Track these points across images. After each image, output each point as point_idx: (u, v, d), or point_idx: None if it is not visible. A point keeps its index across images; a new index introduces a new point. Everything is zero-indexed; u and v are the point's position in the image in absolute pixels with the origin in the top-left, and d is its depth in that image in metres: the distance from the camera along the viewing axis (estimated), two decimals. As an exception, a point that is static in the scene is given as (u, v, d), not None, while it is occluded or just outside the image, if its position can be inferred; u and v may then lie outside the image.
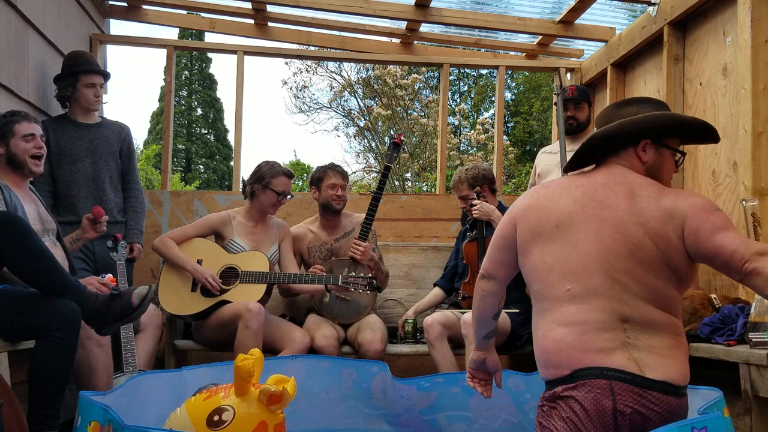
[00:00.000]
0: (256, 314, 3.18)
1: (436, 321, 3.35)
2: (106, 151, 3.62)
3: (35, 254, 2.43)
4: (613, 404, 1.66)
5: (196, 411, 1.95)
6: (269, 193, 3.54)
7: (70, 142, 3.54)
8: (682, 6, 3.55)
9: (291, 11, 4.76)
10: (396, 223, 4.54)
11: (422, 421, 2.96)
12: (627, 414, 1.66)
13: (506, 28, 4.73)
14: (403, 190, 14.30)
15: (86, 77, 3.55)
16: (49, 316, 2.40)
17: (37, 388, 2.38)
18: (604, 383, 1.67)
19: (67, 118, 3.61)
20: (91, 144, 3.59)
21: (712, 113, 3.44)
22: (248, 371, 1.95)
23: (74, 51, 3.73)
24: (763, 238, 2.60)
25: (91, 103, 3.59)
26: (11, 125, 2.90)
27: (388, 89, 14.09)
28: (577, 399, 1.69)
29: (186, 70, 25.59)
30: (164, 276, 3.50)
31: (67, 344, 2.40)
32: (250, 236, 3.58)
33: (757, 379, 2.24)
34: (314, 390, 2.94)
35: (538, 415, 1.83)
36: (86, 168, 3.55)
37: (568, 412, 1.70)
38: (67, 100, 3.61)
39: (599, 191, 1.84)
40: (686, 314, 2.73)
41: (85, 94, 3.55)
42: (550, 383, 1.79)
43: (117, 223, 3.60)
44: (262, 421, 1.94)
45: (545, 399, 1.80)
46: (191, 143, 25.21)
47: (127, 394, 2.35)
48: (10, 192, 2.79)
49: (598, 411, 1.67)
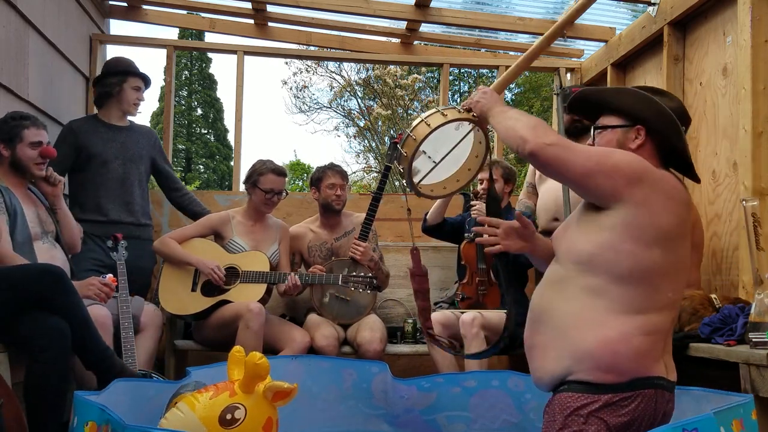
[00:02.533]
0: (257, 314, 3.18)
1: (435, 321, 3.34)
2: (135, 154, 3.67)
3: (75, 312, 2.52)
4: (655, 411, 1.70)
5: (205, 410, 1.95)
6: (258, 192, 3.55)
7: (100, 144, 3.57)
8: (682, 6, 3.55)
9: (291, 11, 4.76)
10: (396, 223, 4.54)
11: (422, 421, 2.96)
12: (659, 417, 1.72)
13: (506, 28, 4.73)
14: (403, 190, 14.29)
15: (134, 80, 3.63)
16: (33, 333, 2.41)
17: (32, 410, 2.37)
18: (652, 393, 1.70)
19: (98, 119, 3.64)
20: (123, 146, 3.63)
21: (712, 113, 3.44)
22: (266, 369, 1.98)
23: (121, 57, 3.77)
24: (763, 238, 2.60)
25: (132, 106, 3.65)
26: (20, 130, 2.88)
27: (388, 89, 14.08)
28: (633, 407, 1.67)
29: (186, 70, 25.56)
30: (164, 276, 3.50)
31: (58, 367, 2.41)
32: (249, 235, 3.58)
33: (757, 379, 2.24)
34: (314, 390, 2.94)
35: (566, 419, 1.70)
36: (116, 170, 3.59)
37: (623, 418, 1.67)
38: (106, 99, 3.63)
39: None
40: (686, 314, 2.73)
41: (130, 96, 3.61)
42: (595, 386, 1.68)
43: (142, 226, 3.64)
44: (269, 418, 1.98)
45: (587, 404, 1.67)
46: (191, 143, 25.18)
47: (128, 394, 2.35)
48: (10, 195, 2.79)
49: (647, 420, 1.69)
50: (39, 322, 2.43)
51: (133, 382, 2.52)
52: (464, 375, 3.07)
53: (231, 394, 1.98)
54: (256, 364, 1.97)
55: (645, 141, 1.82)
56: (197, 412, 1.95)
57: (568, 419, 1.68)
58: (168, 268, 3.51)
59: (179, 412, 1.98)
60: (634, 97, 1.85)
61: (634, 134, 1.83)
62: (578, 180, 1.74)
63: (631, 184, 1.69)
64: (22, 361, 2.48)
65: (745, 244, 2.84)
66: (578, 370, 1.70)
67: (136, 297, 3.26)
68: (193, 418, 1.94)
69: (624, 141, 1.83)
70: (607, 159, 1.72)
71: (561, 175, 1.79)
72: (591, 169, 1.71)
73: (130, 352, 2.98)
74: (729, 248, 3.24)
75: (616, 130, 1.86)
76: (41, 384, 2.37)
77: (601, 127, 1.90)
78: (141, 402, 2.40)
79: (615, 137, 1.85)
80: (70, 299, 2.52)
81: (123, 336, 3.00)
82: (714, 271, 3.34)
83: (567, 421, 1.69)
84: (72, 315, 2.51)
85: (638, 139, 1.82)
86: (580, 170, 1.72)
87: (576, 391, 1.70)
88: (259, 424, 1.96)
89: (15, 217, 2.74)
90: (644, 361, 1.68)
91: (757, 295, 2.43)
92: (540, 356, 1.80)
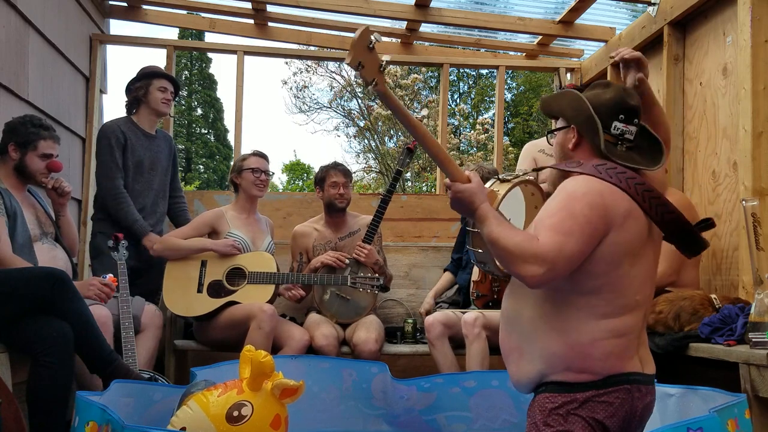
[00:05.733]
0: (270, 316, 3.20)
1: (437, 320, 3.35)
2: (162, 163, 3.75)
3: (79, 316, 2.53)
4: (632, 404, 1.71)
5: (213, 407, 1.99)
6: (246, 174, 3.61)
7: (143, 153, 3.64)
8: (682, 6, 3.55)
9: (291, 11, 4.76)
10: (396, 223, 4.54)
11: (422, 421, 2.96)
12: (639, 409, 1.73)
13: (506, 28, 4.73)
14: (403, 190, 14.30)
15: (159, 81, 3.68)
16: (36, 337, 2.41)
17: (35, 413, 2.37)
18: (628, 387, 1.70)
19: (136, 125, 3.67)
20: (156, 156, 3.71)
21: (712, 113, 3.44)
22: (270, 366, 2.02)
23: (149, 65, 3.82)
24: (763, 238, 2.60)
25: (160, 105, 3.68)
26: (36, 139, 2.89)
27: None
28: (610, 402, 1.68)
29: (186, 70, 25.57)
30: (168, 278, 3.48)
31: (60, 371, 2.40)
32: (245, 227, 3.60)
33: (757, 379, 2.24)
34: (314, 390, 2.94)
35: (546, 418, 1.71)
36: (151, 180, 3.68)
37: (601, 414, 1.68)
38: (137, 105, 3.67)
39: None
40: (686, 314, 2.73)
41: (156, 96, 3.65)
42: (570, 386, 1.70)
43: (161, 234, 3.68)
44: (276, 415, 2.02)
45: (565, 404, 1.69)
46: (191, 143, 25.19)
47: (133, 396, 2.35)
48: (10, 197, 2.79)
49: (626, 414, 1.70)
50: (42, 325, 2.44)
51: (140, 384, 2.52)
52: (464, 375, 3.07)
53: (239, 392, 2.02)
54: (261, 362, 2.01)
55: (580, 140, 1.83)
56: (206, 409, 1.99)
57: (549, 419, 1.70)
58: (171, 269, 3.50)
59: (189, 409, 2.02)
60: (568, 99, 1.87)
61: (571, 134, 1.85)
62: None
63: (606, 225, 1.66)
64: (22, 360, 2.48)
65: (745, 244, 2.84)
66: (551, 372, 1.72)
67: (136, 297, 3.26)
68: (202, 415, 1.98)
69: (564, 142, 1.87)
70: (578, 223, 1.64)
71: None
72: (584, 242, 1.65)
73: (130, 352, 2.98)
74: (729, 248, 3.24)
75: (560, 132, 1.90)
76: (44, 387, 2.37)
77: (551, 131, 1.96)
78: (147, 405, 2.41)
79: (559, 139, 1.90)
80: (73, 303, 2.52)
81: (123, 336, 3.00)
82: (714, 271, 3.34)
83: (548, 420, 1.70)
84: (75, 319, 2.51)
85: (573, 139, 1.84)
86: (579, 249, 1.65)
87: (553, 392, 1.71)
88: (266, 421, 1.99)
89: (15, 218, 2.74)
90: (617, 360, 1.70)
91: (757, 295, 2.43)
92: (515, 360, 1.81)
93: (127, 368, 2.62)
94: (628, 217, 1.69)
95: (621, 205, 1.69)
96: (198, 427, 1.95)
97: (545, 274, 1.59)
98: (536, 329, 1.73)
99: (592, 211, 1.65)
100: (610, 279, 1.68)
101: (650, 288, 1.79)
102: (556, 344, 1.70)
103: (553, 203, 1.72)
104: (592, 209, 1.65)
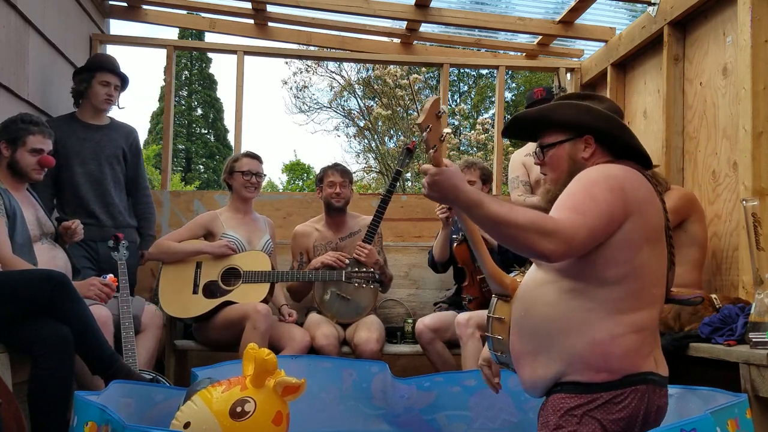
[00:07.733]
0: (264, 315, 3.20)
1: (426, 327, 3.39)
2: (111, 153, 3.60)
3: (79, 318, 2.53)
4: (647, 407, 1.69)
5: (217, 403, 2.01)
6: (237, 176, 3.61)
7: (77, 143, 3.52)
8: (682, 6, 3.55)
9: (291, 11, 4.76)
10: (396, 223, 4.54)
11: (422, 420, 2.96)
12: (652, 412, 1.71)
13: (506, 28, 4.73)
14: (403, 191, 14.30)
15: (102, 75, 3.53)
16: (36, 337, 2.41)
17: (35, 415, 2.37)
18: (644, 388, 1.69)
19: (75, 118, 3.60)
20: (98, 145, 3.57)
21: (712, 113, 3.44)
22: (273, 364, 2.06)
23: (100, 54, 3.72)
24: (763, 238, 2.60)
25: (101, 102, 3.55)
26: (25, 134, 2.88)
27: (388, 89, 14.07)
28: (626, 405, 1.66)
29: (186, 70, 25.58)
30: (164, 279, 3.49)
31: (60, 373, 2.40)
32: (240, 227, 3.61)
33: (757, 379, 2.24)
34: (314, 390, 2.93)
35: (559, 420, 1.68)
36: (93, 170, 3.54)
37: (616, 416, 1.66)
38: (80, 97, 3.59)
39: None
40: (686, 314, 2.73)
41: (98, 91, 3.53)
42: (587, 386, 1.67)
43: (127, 227, 3.60)
44: (278, 411, 2.05)
45: (582, 404, 1.66)
46: (191, 143, 25.20)
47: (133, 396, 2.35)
48: (9, 196, 2.79)
49: (640, 417, 1.69)
50: (42, 328, 2.44)
51: (141, 385, 2.52)
52: (464, 374, 3.07)
53: (242, 389, 2.05)
54: (265, 360, 2.05)
55: (595, 148, 1.83)
56: (210, 404, 2.02)
57: (562, 420, 1.67)
58: (167, 271, 3.50)
59: (193, 404, 2.04)
60: (575, 109, 1.85)
61: (583, 144, 1.84)
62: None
63: (626, 209, 1.67)
64: (23, 361, 2.48)
65: (745, 244, 2.84)
66: (570, 372, 1.69)
67: (136, 297, 3.26)
68: (206, 410, 2.00)
69: (574, 153, 1.84)
70: (596, 201, 1.65)
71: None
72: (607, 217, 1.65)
73: (130, 353, 2.98)
74: (729, 248, 3.24)
75: (564, 144, 1.86)
76: (44, 388, 2.37)
77: (548, 145, 1.89)
78: (148, 406, 2.42)
79: (564, 152, 1.86)
80: (73, 305, 2.52)
81: (124, 336, 3.00)
82: (714, 271, 3.34)
83: (561, 421, 1.68)
84: (76, 321, 2.51)
85: (589, 148, 1.83)
86: (600, 225, 1.64)
87: (569, 392, 1.69)
88: (268, 418, 2.03)
89: (14, 219, 2.73)
90: (635, 358, 1.68)
91: (757, 295, 2.43)
92: (529, 363, 1.77)
93: (129, 369, 2.62)
94: (647, 202, 1.70)
95: (641, 190, 1.71)
96: (202, 422, 1.98)
97: (561, 249, 1.58)
98: (555, 330, 1.70)
99: (612, 193, 1.66)
100: (632, 266, 1.67)
101: (663, 286, 1.78)
102: (577, 344, 1.67)
103: (571, 188, 1.72)
104: (612, 192, 1.66)
